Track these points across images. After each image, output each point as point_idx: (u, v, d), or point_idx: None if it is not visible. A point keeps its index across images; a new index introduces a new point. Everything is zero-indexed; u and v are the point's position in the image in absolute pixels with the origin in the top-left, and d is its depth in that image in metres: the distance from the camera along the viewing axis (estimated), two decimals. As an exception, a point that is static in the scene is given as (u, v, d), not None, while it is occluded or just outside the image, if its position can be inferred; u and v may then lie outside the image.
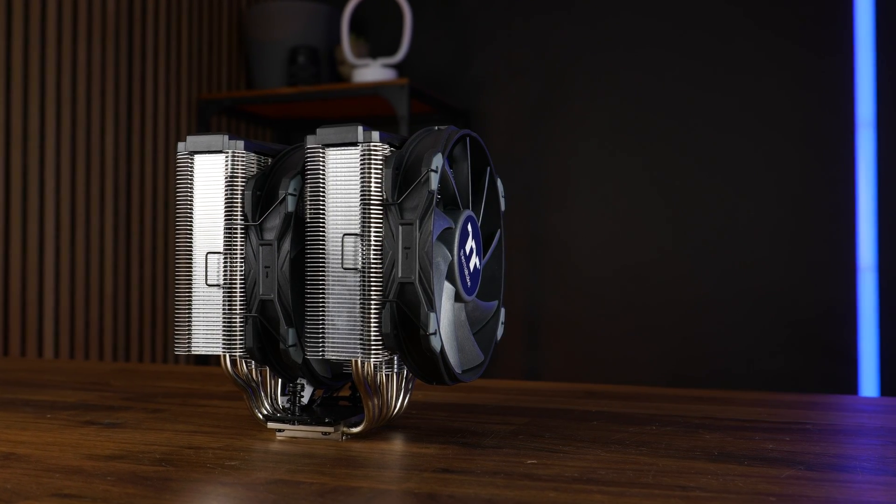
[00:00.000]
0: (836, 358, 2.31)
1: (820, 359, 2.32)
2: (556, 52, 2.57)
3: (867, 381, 2.27)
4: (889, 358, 2.26)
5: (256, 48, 2.54)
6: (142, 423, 0.70)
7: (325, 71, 2.54)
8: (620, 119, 2.52)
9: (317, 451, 0.59)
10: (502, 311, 0.71)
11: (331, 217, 0.58)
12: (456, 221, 0.62)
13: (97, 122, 2.09)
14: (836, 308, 2.31)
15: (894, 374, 2.26)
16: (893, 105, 2.28)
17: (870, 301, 2.27)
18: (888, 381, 2.26)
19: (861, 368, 2.28)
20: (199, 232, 0.61)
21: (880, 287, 2.27)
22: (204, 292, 0.61)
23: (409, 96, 2.25)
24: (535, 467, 0.55)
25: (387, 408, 0.63)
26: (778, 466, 0.56)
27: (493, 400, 0.84)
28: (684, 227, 2.46)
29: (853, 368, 2.29)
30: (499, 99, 2.63)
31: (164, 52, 2.30)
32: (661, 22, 2.48)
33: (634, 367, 2.47)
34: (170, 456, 0.58)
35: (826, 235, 2.33)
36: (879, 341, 2.27)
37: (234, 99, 2.45)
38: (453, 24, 2.68)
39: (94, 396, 0.85)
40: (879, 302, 2.27)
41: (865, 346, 2.28)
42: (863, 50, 2.30)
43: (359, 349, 0.58)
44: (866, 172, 2.29)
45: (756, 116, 2.40)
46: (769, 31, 2.39)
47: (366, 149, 0.58)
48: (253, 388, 0.64)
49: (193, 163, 0.62)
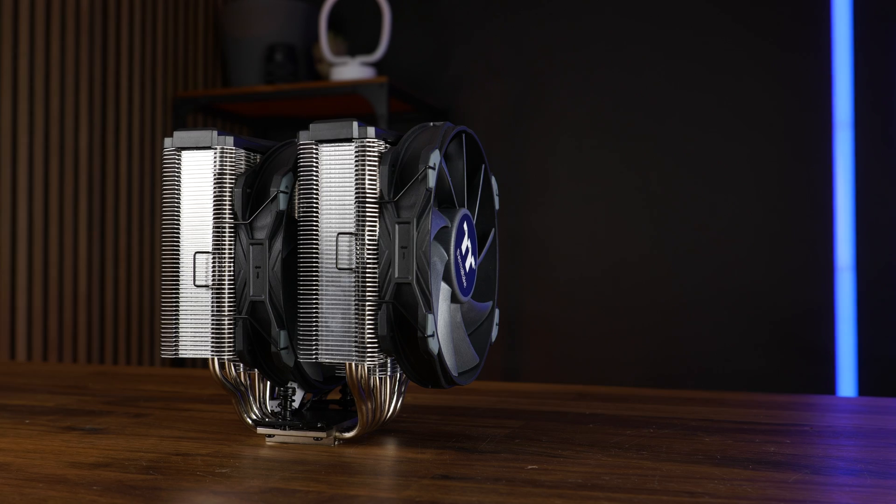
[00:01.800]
0: (815, 357, 2.31)
1: (799, 358, 2.33)
2: (535, 50, 2.56)
3: (845, 380, 2.28)
4: (866, 358, 2.27)
5: (233, 45, 2.51)
6: (125, 429, 0.68)
7: (303, 69, 2.52)
8: (599, 118, 2.51)
9: (309, 457, 0.58)
10: (496, 311, 0.69)
11: (324, 215, 0.56)
12: (452, 220, 0.60)
13: (71, 119, 2.05)
14: (814, 308, 2.32)
15: (871, 373, 2.27)
16: (871, 105, 2.29)
17: (847, 301, 2.28)
18: (865, 381, 2.27)
19: (839, 368, 2.29)
20: (186, 231, 0.59)
21: (858, 287, 2.28)
22: (192, 293, 0.59)
23: (389, 95, 2.23)
24: (537, 473, 0.53)
25: (380, 412, 0.61)
26: (784, 470, 0.54)
27: (484, 402, 0.82)
28: (663, 227, 2.45)
29: (831, 368, 2.30)
30: (477, 97, 2.61)
31: (140, 48, 2.27)
32: (641, 20, 2.48)
33: (614, 367, 2.47)
34: (157, 463, 0.55)
35: (804, 235, 2.34)
36: (857, 341, 2.28)
37: (210, 97, 2.41)
38: (432, 22, 2.67)
39: (73, 401, 0.83)
40: (857, 302, 2.28)
41: (843, 345, 2.29)
42: (840, 50, 2.31)
43: (354, 352, 0.56)
44: (844, 172, 2.30)
45: (735, 115, 2.40)
46: (748, 31, 2.39)
47: (360, 145, 0.56)
48: (242, 393, 0.62)
49: (181, 159, 0.59)
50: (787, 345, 2.34)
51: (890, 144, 2.28)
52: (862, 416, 0.78)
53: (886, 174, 2.28)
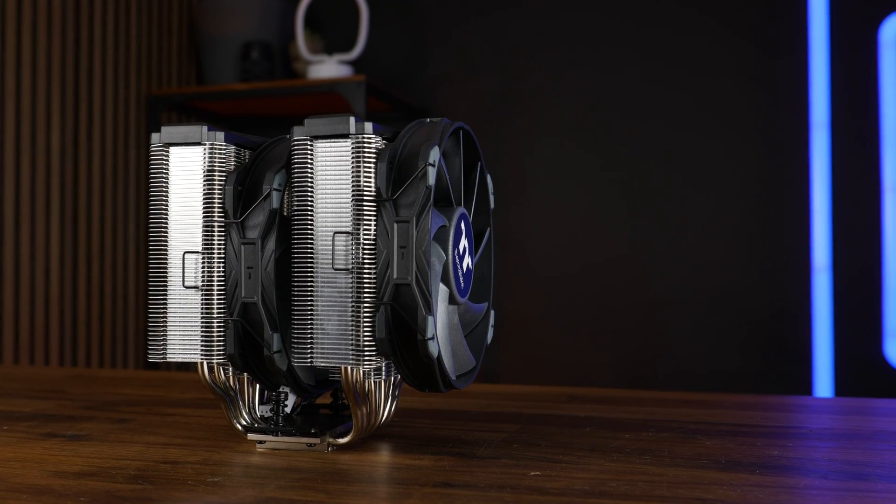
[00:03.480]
0: (792, 357, 2.32)
1: (776, 359, 2.33)
2: (513, 49, 2.55)
3: (821, 380, 2.29)
4: (843, 358, 2.28)
5: (208, 43, 2.47)
6: (108, 435, 0.65)
7: (279, 67, 2.49)
8: (578, 118, 2.50)
9: (302, 464, 0.56)
10: (492, 313, 0.68)
11: (320, 214, 0.55)
12: (450, 219, 0.59)
13: (42, 117, 2.01)
14: (791, 308, 2.33)
15: (848, 373, 2.28)
16: (847, 106, 2.30)
17: (824, 301, 2.29)
18: (842, 381, 2.28)
19: (815, 368, 2.30)
20: (175, 230, 0.57)
21: (834, 287, 2.29)
22: (181, 295, 0.57)
23: (367, 93, 2.21)
24: (541, 480, 0.51)
25: (374, 416, 0.59)
26: (792, 475, 0.53)
27: (475, 405, 0.80)
28: (641, 227, 2.45)
29: (808, 368, 2.31)
30: (455, 96, 2.60)
31: (113, 45, 2.23)
32: (619, 20, 2.47)
33: (592, 367, 2.46)
34: (145, 472, 0.53)
35: (781, 235, 2.35)
36: (833, 341, 2.29)
37: (185, 95, 2.38)
38: (409, 20, 2.65)
39: (51, 405, 0.80)
40: (833, 302, 2.29)
41: (820, 345, 2.30)
42: (817, 51, 2.32)
43: (351, 355, 0.54)
44: (820, 173, 2.31)
45: (713, 115, 2.40)
46: (726, 31, 2.40)
47: (358, 141, 0.54)
48: (231, 397, 0.60)
49: (169, 155, 0.57)
50: (764, 345, 2.34)
51: (866, 144, 2.29)
52: (861, 418, 0.77)
53: (863, 174, 2.29)
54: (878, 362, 2.27)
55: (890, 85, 2.27)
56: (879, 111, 2.29)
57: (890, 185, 2.26)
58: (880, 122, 2.29)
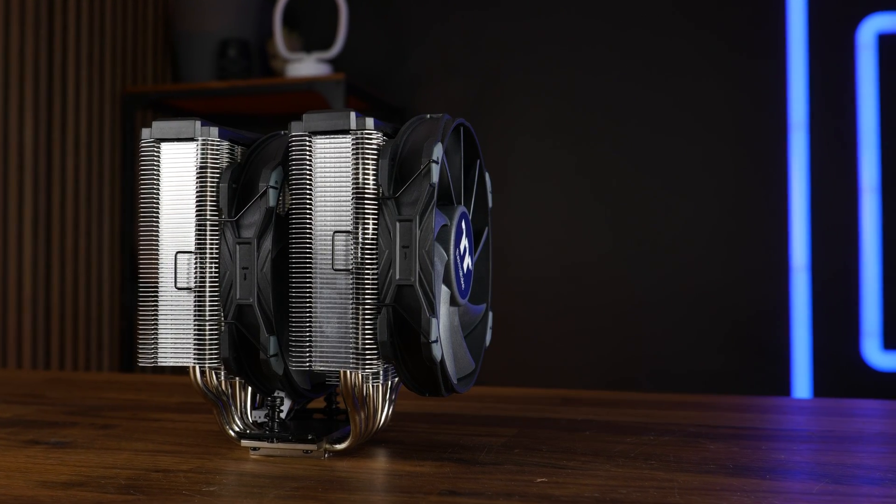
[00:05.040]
0: (771, 357, 2.33)
1: (756, 359, 2.34)
2: (492, 49, 2.53)
3: (800, 380, 2.30)
4: (822, 358, 2.29)
5: (184, 40, 2.44)
6: (94, 442, 0.63)
7: (257, 65, 2.46)
8: (557, 118, 2.49)
9: (299, 471, 0.54)
10: (490, 314, 0.66)
11: (319, 212, 0.53)
12: (451, 218, 0.57)
13: (15, 115, 1.96)
14: (770, 308, 2.33)
15: (826, 373, 2.29)
16: (825, 107, 2.31)
17: (803, 301, 2.30)
18: (820, 381, 2.29)
19: (794, 368, 2.31)
20: (166, 229, 0.55)
21: (813, 287, 2.29)
22: (172, 297, 0.55)
23: (346, 92, 2.18)
24: (549, 487, 0.50)
25: (372, 421, 0.57)
26: (803, 480, 0.52)
27: (468, 409, 0.79)
28: (621, 228, 2.45)
29: (786, 368, 2.31)
30: (434, 95, 2.58)
31: (87, 41, 2.19)
32: (599, 20, 2.47)
33: (572, 367, 2.45)
34: (136, 481, 0.51)
35: (760, 236, 2.35)
36: (812, 341, 2.29)
37: (160, 93, 2.34)
38: (388, 19, 2.63)
39: (31, 411, 0.77)
40: (812, 302, 2.30)
41: (798, 345, 2.30)
42: (795, 53, 2.33)
43: (351, 359, 0.52)
44: (799, 173, 2.31)
45: (692, 117, 2.40)
46: (705, 33, 2.40)
47: (358, 137, 0.52)
48: (224, 402, 0.58)
49: (160, 151, 0.55)
50: (743, 345, 2.35)
51: (844, 145, 2.30)
52: (858, 420, 0.76)
53: (841, 175, 2.30)
54: (856, 362, 2.28)
55: (867, 86, 2.29)
56: (857, 112, 2.30)
57: (868, 186, 2.27)
58: (858, 122, 2.30)
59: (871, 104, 2.28)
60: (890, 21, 2.28)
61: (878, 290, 2.27)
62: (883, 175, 2.27)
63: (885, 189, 2.26)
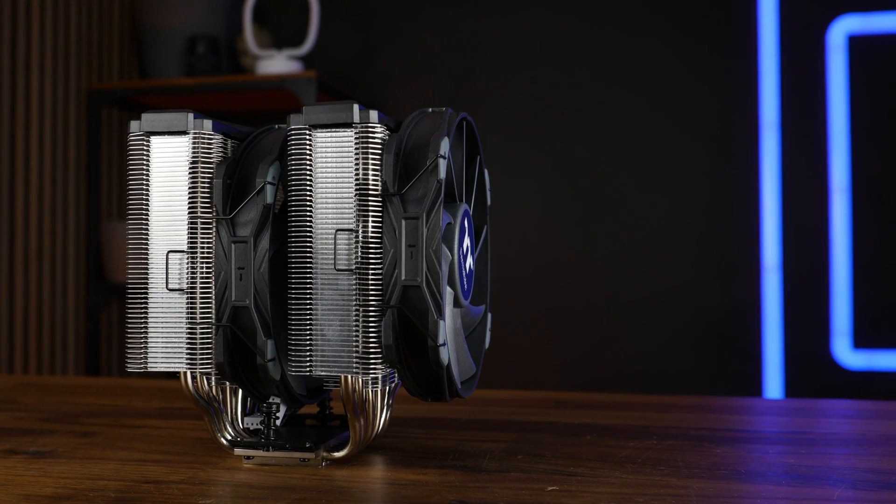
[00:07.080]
0: (743, 356, 2.33)
1: (728, 358, 2.34)
2: (464, 47, 2.51)
3: (772, 379, 2.30)
4: (793, 356, 2.30)
5: (151, 35, 2.39)
6: (76, 451, 0.60)
7: (226, 62, 2.41)
8: (530, 117, 2.48)
9: (296, 481, 0.51)
10: (489, 316, 0.64)
11: (320, 210, 0.50)
12: (455, 216, 0.55)
13: (-23, 110, 1.91)
14: (741, 307, 2.34)
15: (797, 372, 2.30)
16: (796, 107, 2.32)
17: (774, 300, 2.31)
18: (792, 380, 2.30)
19: (765, 366, 2.31)
20: (157, 227, 0.52)
21: (784, 286, 2.30)
22: (164, 298, 0.52)
23: (318, 90, 2.15)
24: (563, 496, 0.48)
25: (371, 428, 0.55)
26: (820, 486, 0.51)
27: (462, 413, 0.77)
28: (594, 227, 2.44)
29: (758, 366, 2.32)
30: (406, 94, 2.56)
31: (51, 36, 2.13)
32: (572, 19, 2.46)
33: (545, 367, 2.44)
34: (127, 494, 0.48)
35: (732, 235, 2.35)
36: (784, 340, 2.30)
37: (127, 89, 2.29)
38: (360, 16, 2.60)
39: (5, 417, 0.74)
40: (783, 301, 2.30)
41: (770, 344, 2.31)
42: (767, 53, 2.34)
43: (354, 363, 0.50)
44: (770, 173, 2.32)
45: (664, 116, 2.40)
46: (678, 33, 2.40)
47: (362, 131, 0.50)
48: (216, 409, 0.55)
49: (150, 145, 0.52)
50: (715, 344, 2.35)
51: (815, 145, 2.31)
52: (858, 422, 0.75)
53: (812, 174, 2.31)
54: (827, 361, 2.29)
55: (838, 87, 2.30)
56: (827, 112, 2.31)
57: (838, 186, 2.29)
58: (828, 123, 2.31)
59: (842, 105, 2.29)
60: (860, 22, 2.30)
61: (848, 290, 2.28)
62: (853, 175, 2.28)
63: (855, 189, 2.28)
